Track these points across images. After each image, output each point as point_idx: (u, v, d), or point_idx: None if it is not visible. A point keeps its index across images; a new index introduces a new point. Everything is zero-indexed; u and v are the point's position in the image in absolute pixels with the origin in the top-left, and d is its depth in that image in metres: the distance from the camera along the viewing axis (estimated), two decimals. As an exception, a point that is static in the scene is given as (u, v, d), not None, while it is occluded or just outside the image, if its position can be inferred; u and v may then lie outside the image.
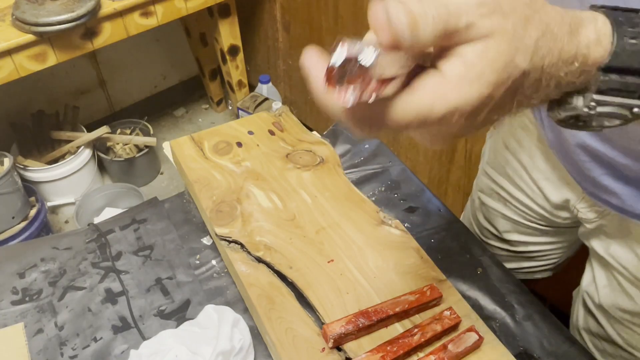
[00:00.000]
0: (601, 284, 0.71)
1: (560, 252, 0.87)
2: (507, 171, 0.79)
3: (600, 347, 0.75)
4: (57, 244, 0.76)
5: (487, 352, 0.59)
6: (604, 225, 0.68)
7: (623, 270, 0.66)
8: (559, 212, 0.76)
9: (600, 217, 0.68)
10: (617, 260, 0.67)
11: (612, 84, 0.34)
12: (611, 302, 0.69)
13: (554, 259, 0.88)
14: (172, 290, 0.70)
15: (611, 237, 0.67)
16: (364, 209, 0.74)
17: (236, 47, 1.99)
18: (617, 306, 0.69)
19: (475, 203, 0.90)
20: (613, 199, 0.61)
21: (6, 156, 1.62)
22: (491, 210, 0.86)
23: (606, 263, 0.69)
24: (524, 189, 0.77)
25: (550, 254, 0.87)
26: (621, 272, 0.67)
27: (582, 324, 0.78)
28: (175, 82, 2.37)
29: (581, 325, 0.78)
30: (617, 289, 0.68)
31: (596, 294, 0.72)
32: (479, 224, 0.90)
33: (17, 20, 1.37)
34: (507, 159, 0.78)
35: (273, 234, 0.70)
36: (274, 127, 0.86)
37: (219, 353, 0.57)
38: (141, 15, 1.56)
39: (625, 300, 0.67)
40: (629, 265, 0.65)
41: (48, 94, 1.97)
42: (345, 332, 0.58)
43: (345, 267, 0.66)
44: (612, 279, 0.69)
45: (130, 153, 1.99)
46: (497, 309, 0.67)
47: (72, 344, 0.64)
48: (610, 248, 0.67)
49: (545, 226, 0.81)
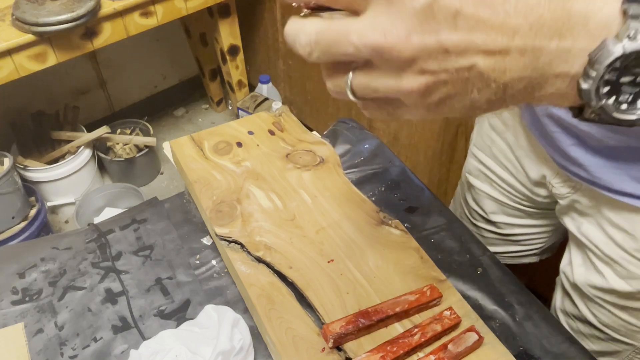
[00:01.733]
0: (577, 263, 0.72)
1: (546, 236, 0.88)
2: (492, 151, 0.81)
3: (575, 327, 0.77)
4: (57, 244, 0.76)
5: (487, 352, 0.59)
6: (576, 202, 0.69)
7: (594, 248, 0.68)
8: (538, 189, 0.77)
9: (573, 191, 0.69)
10: (589, 239, 0.68)
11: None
12: (584, 280, 0.71)
13: (540, 244, 0.90)
14: (172, 290, 0.70)
15: (583, 215, 0.69)
16: (364, 209, 0.74)
17: (236, 47, 1.99)
18: (590, 284, 0.70)
19: (464, 187, 0.92)
20: (582, 171, 0.63)
21: (6, 156, 1.62)
22: (479, 191, 0.87)
23: (579, 242, 0.71)
24: (509, 167, 0.79)
25: (535, 238, 0.89)
26: (593, 250, 0.68)
27: (559, 305, 0.80)
28: (175, 82, 2.37)
29: (558, 306, 0.80)
30: (590, 267, 0.70)
31: (571, 274, 0.73)
32: (468, 206, 0.92)
33: (17, 20, 1.37)
34: (493, 138, 0.80)
35: (273, 234, 0.70)
36: (274, 127, 0.86)
37: (219, 353, 0.57)
38: (141, 15, 1.56)
39: (597, 278, 0.69)
40: (600, 243, 0.67)
41: (48, 94, 1.97)
42: (345, 332, 0.58)
43: (345, 267, 0.66)
44: (586, 257, 0.70)
45: (130, 153, 1.99)
46: (497, 309, 0.67)
47: (72, 344, 0.64)
48: (582, 227, 0.69)
49: (529, 207, 0.83)
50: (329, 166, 0.80)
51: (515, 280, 0.71)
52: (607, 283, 0.68)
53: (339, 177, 0.78)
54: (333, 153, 0.82)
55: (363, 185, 0.82)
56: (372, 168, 0.85)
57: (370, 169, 0.85)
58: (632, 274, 0.65)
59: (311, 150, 0.82)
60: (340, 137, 0.90)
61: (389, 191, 0.82)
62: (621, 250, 0.64)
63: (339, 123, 0.94)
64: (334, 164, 0.80)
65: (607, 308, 0.70)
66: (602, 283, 0.68)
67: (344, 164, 0.85)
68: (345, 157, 0.87)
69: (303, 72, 2.02)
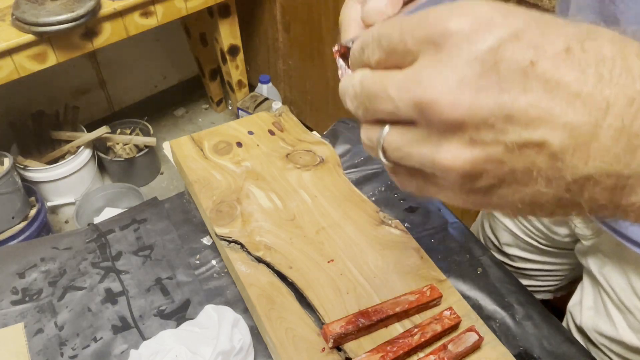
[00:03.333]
0: (586, 305, 0.70)
1: (560, 275, 0.86)
2: None
3: None
4: (57, 244, 0.76)
5: (487, 352, 0.59)
6: (600, 244, 0.67)
7: (611, 292, 0.65)
8: (559, 227, 0.75)
9: (596, 235, 0.67)
10: (608, 282, 0.66)
11: None
12: (592, 325, 0.68)
13: (554, 282, 0.88)
14: (172, 290, 0.70)
15: (607, 256, 0.66)
16: (364, 209, 0.74)
17: (236, 47, 1.99)
18: (597, 330, 0.68)
19: (484, 212, 0.91)
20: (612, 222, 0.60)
21: (6, 156, 1.62)
22: (497, 220, 0.86)
23: (597, 283, 0.68)
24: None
25: (549, 276, 0.86)
26: (609, 294, 0.65)
27: None
28: (175, 82, 2.37)
29: None
30: (601, 311, 0.67)
31: (579, 315, 0.71)
32: (484, 234, 0.91)
33: (17, 20, 1.37)
34: None
35: (273, 234, 0.70)
36: (274, 127, 0.86)
37: (219, 353, 0.57)
38: (141, 15, 1.56)
39: (607, 325, 0.66)
40: (618, 288, 0.64)
41: (48, 94, 1.97)
42: (345, 332, 0.58)
43: (345, 267, 0.66)
44: (599, 300, 0.68)
45: (130, 153, 1.99)
46: (497, 309, 0.67)
47: (72, 344, 0.64)
48: (604, 268, 0.66)
49: (544, 244, 0.81)
50: (329, 166, 0.80)
51: (515, 280, 0.71)
52: (616, 332, 0.64)
53: (339, 177, 0.78)
54: (333, 153, 0.82)
55: (363, 185, 0.82)
56: (372, 168, 0.85)
57: (370, 169, 0.85)
58: None
59: (311, 150, 0.82)
60: (340, 137, 0.90)
61: (389, 191, 0.82)
62: (639, 300, 0.61)
63: (339, 123, 0.94)
64: (334, 164, 0.80)
65: (611, 358, 0.67)
66: (611, 332, 0.65)
67: (344, 164, 0.85)
68: (345, 157, 0.87)
69: (303, 72, 2.02)
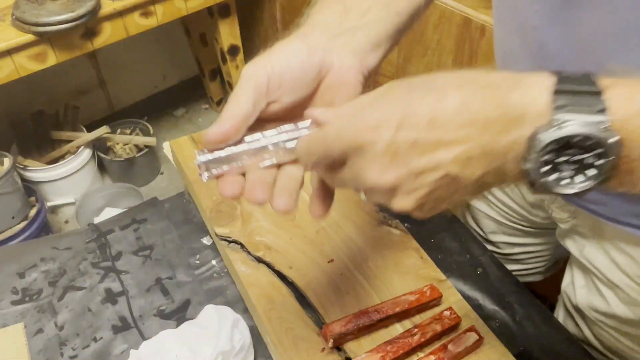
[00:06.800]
0: (579, 284, 0.71)
1: (547, 254, 0.87)
2: None
3: None
4: (57, 244, 0.76)
5: (487, 352, 0.59)
6: (578, 225, 0.68)
7: (597, 272, 0.66)
8: (536, 211, 0.76)
9: (573, 216, 0.68)
10: (592, 263, 0.66)
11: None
12: (586, 303, 0.69)
13: (542, 262, 0.88)
14: (172, 290, 0.70)
15: (585, 237, 0.67)
16: (364, 209, 0.74)
17: (236, 47, 1.98)
18: (592, 307, 0.69)
19: (463, 205, 0.91)
20: (583, 201, 0.61)
21: (6, 156, 1.62)
22: (477, 211, 0.87)
23: (582, 264, 0.69)
24: (505, 188, 0.78)
25: (536, 257, 0.87)
26: (595, 274, 0.67)
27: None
28: (175, 82, 2.37)
29: None
30: (592, 289, 0.68)
31: (573, 295, 0.72)
32: (468, 226, 0.91)
33: (17, 20, 1.37)
34: None
35: (273, 234, 0.70)
36: (274, 127, 0.86)
37: (219, 353, 0.57)
38: (141, 15, 1.56)
39: (600, 301, 0.67)
40: (602, 267, 0.65)
41: (48, 94, 1.97)
42: (345, 332, 0.58)
43: (345, 267, 0.66)
44: (589, 280, 0.69)
45: (130, 153, 1.99)
46: (497, 309, 0.67)
47: (72, 344, 0.64)
48: (584, 250, 0.67)
49: (527, 227, 0.81)
50: (329, 166, 0.80)
51: (515, 280, 0.71)
52: (609, 308, 0.66)
53: (339, 177, 0.78)
54: (333, 153, 0.82)
55: (363, 185, 0.82)
56: (372, 168, 0.85)
57: (370, 169, 0.85)
58: (634, 301, 0.63)
59: (311, 150, 0.82)
60: (340, 137, 0.90)
61: (389, 191, 0.82)
62: (624, 275, 0.62)
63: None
64: (334, 164, 0.80)
65: (609, 332, 0.68)
66: (605, 307, 0.66)
67: (344, 164, 0.85)
68: (345, 157, 0.87)
69: (303, 72, 2.01)
